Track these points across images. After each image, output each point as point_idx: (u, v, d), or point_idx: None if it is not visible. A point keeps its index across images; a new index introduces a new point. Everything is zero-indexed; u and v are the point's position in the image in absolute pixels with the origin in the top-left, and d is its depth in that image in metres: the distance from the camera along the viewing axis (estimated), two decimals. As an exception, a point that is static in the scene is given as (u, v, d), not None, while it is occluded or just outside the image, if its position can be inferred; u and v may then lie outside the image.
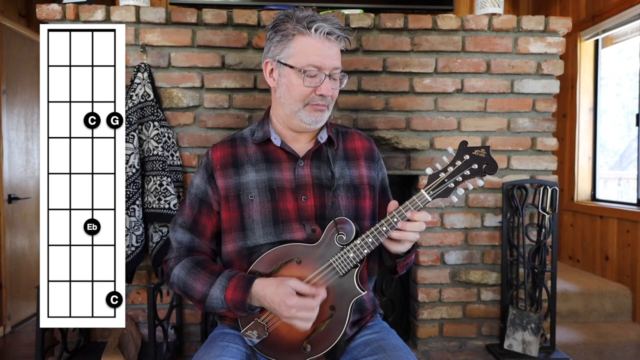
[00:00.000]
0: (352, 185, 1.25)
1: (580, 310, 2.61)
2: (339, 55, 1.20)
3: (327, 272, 1.11)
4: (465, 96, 2.04)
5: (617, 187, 3.47)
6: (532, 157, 2.08)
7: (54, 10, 1.87)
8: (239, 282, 1.11)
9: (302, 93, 1.18)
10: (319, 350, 1.11)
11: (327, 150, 1.27)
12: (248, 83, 1.95)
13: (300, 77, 1.16)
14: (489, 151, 1.09)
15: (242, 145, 1.28)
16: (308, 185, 1.22)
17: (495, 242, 2.09)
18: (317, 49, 1.16)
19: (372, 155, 1.34)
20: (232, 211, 1.21)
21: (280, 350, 1.13)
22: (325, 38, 1.16)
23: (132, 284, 1.91)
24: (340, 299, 1.11)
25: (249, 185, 1.21)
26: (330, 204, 1.20)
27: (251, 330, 1.12)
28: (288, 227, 1.18)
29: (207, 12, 1.92)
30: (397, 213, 1.10)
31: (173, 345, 1.89)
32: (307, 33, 1.15)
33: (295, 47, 1.17)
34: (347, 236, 1.12)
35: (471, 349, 2.09)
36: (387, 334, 1.22)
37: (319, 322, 1.10)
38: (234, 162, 1.24)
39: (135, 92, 1.84)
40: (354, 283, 1.11)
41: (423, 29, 1.98)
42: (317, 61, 1.15)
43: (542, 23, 2.01)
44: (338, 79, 1.21)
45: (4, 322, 3.05)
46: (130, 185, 1.78)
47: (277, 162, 1.24)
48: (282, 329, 1.13)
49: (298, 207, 1.20)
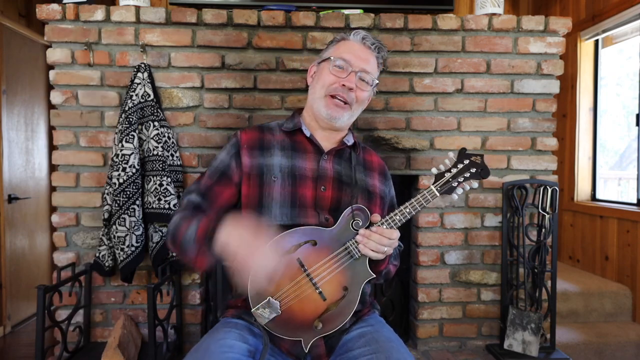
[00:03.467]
0: (366, 189, 1.34)
1: (580, 310, 2.61)
2: (372, 62, 1.32)
3: (343, 254, 1.17)
4: (465, 96, 2.04)
5: (617, 187, 3.47)
6: (532, 157, 2.08)
7: (54, 10, 1.87)
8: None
9: (327, 80, 1.28)
10: (329, 328, 1.16)
11: (350, 153, 1.36)
12: (248, 83, 1.95)
13: (328, 65, 1.29)
14: (482, 158, 1.24)
15: (269, 132, 1.35)
16: (329, 177, 1.29)
17: (495, 242, 2.09)
18: (350, 47, 1.31)
19: (385, 173, 1.45)
20: (252, 188, 1.26)
21: (291, 327, 1.16)
22: (361, 42, 1.31)
23: (132, 284, 1.91)
24: (353, 280, 1.18)
25: (274, 167, 1.27)
26: (348, 200, 1.28)
27: (263, 309, 1.14)
28: (304, 212, 1.24)
29: (207, 12, 1.92)
30: (410, 205, 1.20)
31: (173, 345, 1.89)
32: (347, 38, 1.33)
33: (335, 48, 1.33)
34: (363, 223, 1.19)
35: (471, 349, 2.09)
36: (381, 327, 1.26)
37: (332, 302, 1.16)
38: (261, 145, 1.31)
39: (135, 92, 1.84)
40: (366, 266, 1.19)
41: (423, 29, 1.98)
42: (348, 56, 1.28)
43: (542, 23, 2.01)
44: (366, 82, 1.31)
45: (4, 322, 3.05)
46: (130, 185, 1.78)
47: (302, 151, 1.32)
48: (295, 307, 1.15)
49: (316, 195, 1.26)
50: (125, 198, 1.77)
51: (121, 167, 1.78)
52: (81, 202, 1.94)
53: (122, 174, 1.77)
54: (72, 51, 1.90)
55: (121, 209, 1.77)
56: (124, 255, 1.79)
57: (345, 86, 1.27)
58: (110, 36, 1.91)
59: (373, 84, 1.33)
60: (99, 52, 1.91)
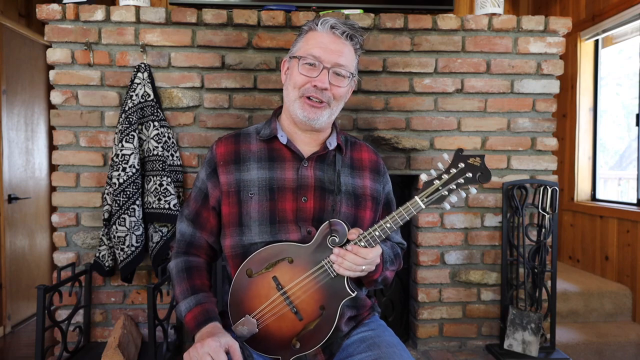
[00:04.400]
0: (354, 194, 1.24)
1: (580, 310, 2.61)
2: (346, 53, 1.19)
3: (318, 273, 1.12)
4: (465, 96, 2.04)
5: (617, 187, 3.47)
6: (532, 157, 2.08)
7: (54, 10, 1.87)
8: (199, 315, 1.13)
9: (298, 81, 1.18)
10: (307, 347, 1.13)
11: (334, 156, 1.26)
12: (248, 83, 1.95)
13: (297, 64, 1.18)
14: (483, 160, 1.09)
15: (245, 141, 1.27)
16: (310, 186, 1.20)
17: (495, 242, 2.09)
18: (319, 40, 1.18)
19: (378, 169, 1.33)
20: (232, 206, 1.21)
21: (269, 346, 1.15)
22: (330, 32, 1.17)
23: (132, 284, 1.91)
24: (330, 299, 1.12)
25: (250, 182, 1.20)
26: (330, 209, 1.19)
27: (242, 326, 1.14)
28: (284, 227, 1.17)
29: (207, 12, 1.92)
30: (391, 219, 1.10)
31: (173, 345, 1.89)
32: (314, 28, 1.19)
33: (303, 41, 1.21)
34: (340, 239, 1.11)
35: (471, 349, 2.09)
36: (383, 332, 1.23)
37: (308, 321, 1.12)
38: (237, 158, 1.24)
39: (135, 92, 1.84)
40: (344, 285, 1.12)
41: (423, 29, 1.98)
42: (317, 52, 1.16)
43: (542, 23, 2.01)
44: (342, 77, 1.19)
45: (4, 322, 3.05)
46: (130, 185, 1.78)
47: (280, 160, 1.23)
48: (272, 326, 1.14)
49: (297, 207, 1.19)
50: (125, 198, 1.77)
51: (121, 167, 1.78)
52: (81, 202, 1.94)
53: (122, 174, 1.77)
54: (72, 51, 1.90)
55: (121, 209, 1.77)
56: (124, 255, 1.79)
57: (317, 87, 1.16)
58: (110, 36, 1.90)
59: (350, 75, 1.21)
60: (99, 52, 1.91)
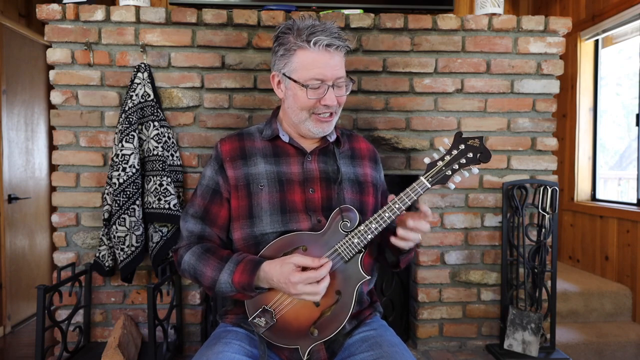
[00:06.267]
0: (356, 181, 1.30)
1: (580, 310, 2.61)
2: (341, 63, 1.22)
3: (332, 258, 1.14)
4: (465, 96, 2.04)
5: (617, 187, 3.47)
6: (532, 157, 2.08)
7: (54, 10, 1.87)
8: (245, 266, 1.14)
9: (306, 104, 1.21)
10: (326, 334, 1.14)
11: (334, 148, 1.32)
12: (248, 83, 1.95)
13: (304, 91, 1.19)
14: (482, 140, 1.14)
15: (249, 139, 1.32)
16: (315, 178, 1.26)
17: (495, 242, 2.09)
18: (317, 62, 1.17)
19: (375, 158, 1.41)
20: (241, 199, 1.24)
21: (288, 336, 1.15)
22: (325, 50, 1.17)
23: (132, 284, 1.91)
24: (345, 283, 1.15)
25: (259, 175, 1.25)
26: (336, 197, 1.24)
27: (259, 318, 1.15)
28: (295, 217, 1.21)
29: (207, 12, 1.92)
30: (399, 200, 1.13)
31: (173, 345, 1.89)
32: (306, 47, 1.16)
33: (297, 62, 1.19)
34: (351, 223, 1.16)
35: (471, 349, 2.09)
36: (385, 331, 1.25)
37: (325, 307, 1.14)
38: (242, 154, 1.28)
39: (135, 92, 1.84)
40: (358, 268, 1.15)
41: (423, 29, 1.98)
42: (319, 74, 1.17)
43: (542, 23, 2.01)
44: (343, 86, 1.24)
45: (4, 322, 3.05)
46: (130, 185, 1.78)
47: (285, 156, 1.28)
48: (289, 315, 1.15)
49: (305, 198, 1.24)
50: (125, 198, 1.77)
51: (121, 167, 1.78)
52: (81, 202, 1.94)
53: (122, 174, 1.77)
54: (72, 51, 1.90)
55: (121, 209, 1.77)
56: (124, 255, 1.79)
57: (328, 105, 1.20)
58: (110, 36, 1.90)
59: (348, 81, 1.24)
60: (99, 52, 1.91)
